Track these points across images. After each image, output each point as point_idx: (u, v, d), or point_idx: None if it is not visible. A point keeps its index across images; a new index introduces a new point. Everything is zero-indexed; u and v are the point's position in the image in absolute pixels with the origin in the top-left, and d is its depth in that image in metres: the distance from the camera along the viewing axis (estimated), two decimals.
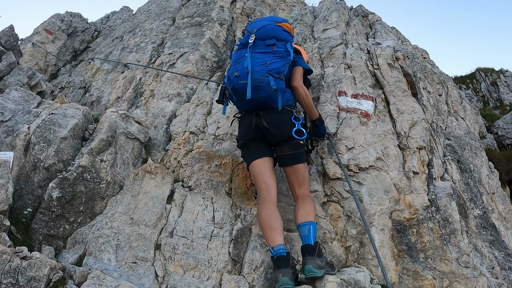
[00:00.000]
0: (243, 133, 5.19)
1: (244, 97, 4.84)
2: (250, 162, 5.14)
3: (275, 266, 4.36)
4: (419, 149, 6.08)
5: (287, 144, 5.12)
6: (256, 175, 5.08)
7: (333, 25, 8.44)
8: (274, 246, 4.49)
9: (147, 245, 4.90)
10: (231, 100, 5.21)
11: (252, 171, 5.16)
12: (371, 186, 5.66)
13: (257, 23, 5.42)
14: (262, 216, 4.75)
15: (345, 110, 6.38)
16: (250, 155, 5.14)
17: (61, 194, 5.39)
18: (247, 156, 5.17)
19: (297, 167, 5.18)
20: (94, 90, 9.46)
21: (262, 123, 5.05)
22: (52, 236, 5.28)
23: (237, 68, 5.05)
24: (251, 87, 4.83)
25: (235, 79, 4.96)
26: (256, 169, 5.08)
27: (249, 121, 5.14)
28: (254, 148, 5.14)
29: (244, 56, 5.06)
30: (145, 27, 11.17)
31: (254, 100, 4.92)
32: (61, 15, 15.16)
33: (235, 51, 5.32)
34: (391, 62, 6.90)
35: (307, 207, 4.91)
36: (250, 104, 5.06)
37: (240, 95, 4.97)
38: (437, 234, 5.45)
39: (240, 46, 5.30)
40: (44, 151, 5.72)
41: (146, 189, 5.49)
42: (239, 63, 5.09)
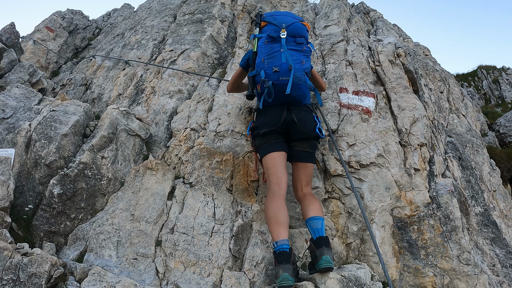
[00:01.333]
0: (269, 123, 5.15)
1: (283, 92, 4.87)
2: (267, 154, 5.12)
3: (276, 262, 4.34)
4: (420, 146, 6.08)
5: (308, 142, 5.26)
6: (270, 167, 5.07)
7: (334, 22, 8.43)
8: (278, 240, 4.46)
9: (147, 241, 4.89)
10: (266, 94, 5.04)
11: (266, 162, 5.13)
12: (372, 183, 5.67)
13: (281, 17, 5.37)
14: (269, 209, 4.74)
15: (346, 107, 6.38)
16: (268, 146, 5.13)
17: (62, 191, 5.38)
18: (265, 147, 5.15)
19: (310, 165, 5.31)
20: (95, 87, 9.46)
21: (293, 117, 5.12)
22: (53, 233, 5.27)
23: (273, 63, 5.00)
24: (295, 86, 4.93)
25: (274, 74, 4.93)
26: (271, 161, 5.08)
27: (278, 113, 5.14)
28: (274, 141, 5.14)
29: (279, 52, 5.04)
30: (146, 24, 11.16)
31: (291, 96, 4.99)
32: (62, 12, 15.16)
33: (265, 44, 5.21)
34: (393, 59, 6.89)
35: (318, 204, 4.96)
36: (284, 99, 5.07)
37: (279, 91, 4.95)
38: (438, 231, 5.45)
39: (270, 39, 5.20)
40: (45, 147, 5.71)
41: (147, 186, 5.49)
42: (274, 58, 5.03)
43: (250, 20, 10.67)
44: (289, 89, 4.81)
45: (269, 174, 5.06)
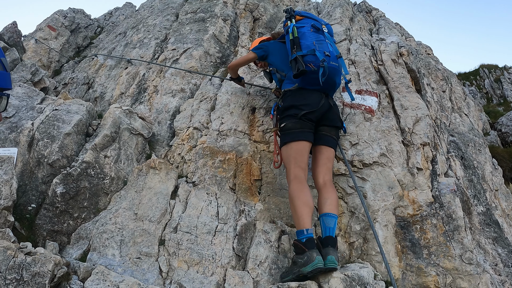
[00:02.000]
0: (310, 104, 5.21)
1: (332, 75, 5.23)
2: (299, 140, 5.12)
3: (305, 247, 4.40)
4: (423, 145, 6.07)
5: (335, 130, 5.46)
6: (298, 154, 5.07)
7: (337, 21, 8.43)
8: (308, 228, 4.56)
9: (151, 240, 4.89)
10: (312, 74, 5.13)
11: (296, 148, 5.11)
12: (375, 182, 5.66)
13: (314, 17, 5.85)
14: (301, 194, 4.79)
15: (349, 106, 6.37)
16: (302, 132, 5.13)
17: (65, 190, 5.39)
18: (298, 132, 5.13)
19: (334, 152, 5.46)
20: (98, 86, 9.47)
21: (330, 103, 5.39)
22: (56, 232, 5.28)
23: (323, 48, 5.26)
24: (336, 72, 5.32)
25: (326, 58, 5.14)
26: (302, 149, 5.10)
27: (317, 97, 5.27)
28: (308, 129, 5.18)
29: (325, 41, 5.40)
30: (149, 23, 11.17)
31: (333, 81, 5.32)
32: (64, 11, 15.17)
33: (310, 31, 5.47)
34: (395, 58, 6.89)
35: (335, 198, 5.00)
36: (325, 84, 5.21)
37: (327, 73, 5.12)
38: (440, 230, 5.44)
39: (314, 29, 5.49)
40: (48, 147, 5.72)
41: (150, 185, 5.49)
42: (322, 45, 5.31)
43: (252, 19, 10.68)
44: (345, 69, 5.55)
45: (298, 160, 5.05)
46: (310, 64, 5.09)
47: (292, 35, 5.39)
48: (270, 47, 5.93)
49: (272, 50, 5.95)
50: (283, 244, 5.07)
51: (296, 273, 4.41)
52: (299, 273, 4.36)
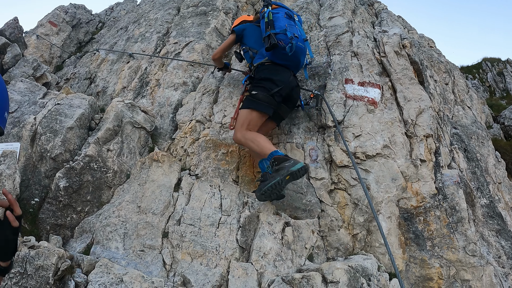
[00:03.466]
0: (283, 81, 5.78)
1: (298, 54, 5.88)
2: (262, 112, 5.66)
3: (285, 159, 4.99)
4: (426, 137, 6.06)
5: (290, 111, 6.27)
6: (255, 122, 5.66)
7: (339, 13, 8.40)
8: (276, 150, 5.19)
9: (154, 233, 4.89)
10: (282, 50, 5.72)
11: (257, 117, 5.66)
12: (378, 174, 5.65)
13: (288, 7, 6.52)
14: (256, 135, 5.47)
15: (352, 98, 6.35)
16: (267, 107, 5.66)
17: (68, 184, 5.39)
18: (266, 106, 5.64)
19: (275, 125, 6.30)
20: (100, 81, 9.46)
21: (296, 81, 6.10)
22: (60, 226, 5.28)
23: (293, 30, 5.90)
24: (302, 51, 5.99)
25: (295, 38, 5.78)
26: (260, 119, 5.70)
27: (287, 73, 5.89)
28: (273, 106, 5.71)
29: (295, 26, 6.08)
30: (150, 17, 11.15)
31: (298, 59, 5.97)
32: (65, 7, 15.18)
33: (283, 17, 6.13)
34: (398, 50, 6.87)
35: None
36: (292, 61, 5.91)
37: (295, 51, 5.76)
38: (444, 222, 5.44)
39: (287, 16, 6.19)
40: (50, 141, 5.72)
41: (153, 178, 5.48)
42: (293, 28, 5.97)
43: (254, 12, 10.65)
44: (311, 52, 6.40)
45: (251, 125, 5.64)
46: (281, 41, 5.69)
47: (268, 18, 6.01)
48: (247, 29, 6.56)
49: (247, 32, 6.56)
50: (286, 235, 5.06)
51: (284, 174, 4.84)
52: (289, 172, 4.82)
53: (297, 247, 5.08)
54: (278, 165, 4.98)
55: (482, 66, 36.97)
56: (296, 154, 6.04)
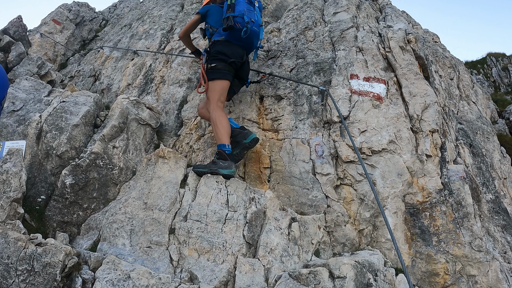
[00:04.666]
0: (236, 55, 6.43)
1: (252, 37, 6.48)
2: (225, 79, 6.27)
3: (228, 157, 5.67)
4: (432, 132, 6.04)
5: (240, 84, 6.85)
6: (222, 89, 6.24)
7: (343, 8, 8.38)
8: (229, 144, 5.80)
9: (161, 229, 4.88)
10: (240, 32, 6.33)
11: (221, 84, 6.24)
12: (384, 169, 5.64)
13: None
14: (223, 119, 5.96)
15: (357, 93, 6.34)
16: (228, 74, 6.32)
17: (74, 181, 5.40)
18: (226, 73, 6.30)
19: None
20: (104, 78, 9.48)
21: (247, 59, 6.77)
22: (66, 223, 5.29)
23: (250, 16, 6.43)
24: (256, 35, 6.57)
25: (251, 23, 6.36)
26: (226, 86, 6.28)
27: (240, 51, 6.52)
28: (231, 73, 6.38)
29: (254, 12, 6.58)
30: (154, 14, 11.16)
31: (251, 41, 6.58)
32: (69, 5, 15.20)
33: (245, 2, 6.56)
34: (403, 45, 6.85)
35: None
36: (245, 42, 6.52)
37: (249, 35, 6.39)
38: (450, 217, 5.43)
39: (248, 1, 6.62)
40: (56, 138, 5.73)
41: (160, 174, 5.47)
42: (251, 13, 6.49)
43: None
44: (261, 35, 6.74)
45: (220, 93, 6.22)
46: (238, 23, 6.27)
47: (230, 1, 6.49)
48: (211, 9, 6.95)
49: (210, 12, 6.95)
50: (293, 231, 5.05)
51: (213, 170, 5.59)
52: (216, 171, 5.57)
53: (304, 242, 5.08)
54: (217, 159, 5.71)
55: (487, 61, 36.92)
56: (302, 150, 6.04)
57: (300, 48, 7.68)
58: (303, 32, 8.07)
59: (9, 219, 4.64)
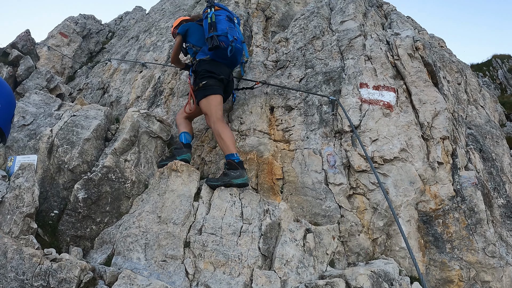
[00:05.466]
0: (223, 73, 6.59)
1: (236, 54, 6.67)
2: (218, 94, 6.39)
3: (239, 166, 5.64)
4: (443, 139, 6.04)
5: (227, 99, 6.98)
6: (218, 103, 6.31)
7: (350, 17, 8.39)
8: (237, 153, 5.81)
9: (176, 243, 4.88)
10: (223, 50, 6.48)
11: (216, 100, 6.33)
12: (396, 178, 5.65)
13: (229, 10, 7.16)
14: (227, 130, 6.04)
15: (368, 102, 6.35)
16: (219, 89, 6.45)
17: (86, 195, 5.42)
18: (217, 88, 6.43)
19: None
20: (113, 91, 9.51)
21: (231, 76, 6.90)
22: (80, 237, 5.31)
23: (233, 33, 6.60)
24: (239, 52, 6.80)
25: (235, 41, 6.54)
26: (220, 101, 6.38)
27: (226, 68, 6.71)
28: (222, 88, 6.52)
29: (235, 29, 6.79)
30: (161, 26, 11.20)
31: (236, 59, 6.80)
32: (75, 17, 15.29)
33: (225, 20, 6.76)
34: (411, 52, 6.86)
35: None
36: (230, 60, 6.72)
37: (234, 52, 6.53)
38: (463, 224, 5.43)
39: (228, 19, 6.83)
40: (68, 153, 5.75)
41: (173, 187, 5.47)
42: (233, 31, 6.67)
43: (264, 18, 10.64)
44: (247, 53, 7.18)
45: (216, 108, 6.28)
46: (222, 42, 6.42)
47: (211, 20, 6.64)
48: (190, 28, 7.15)
49: (190, 31, 7.14)
50: (308, 242, 5.05)
51: (226, 181, 5.56)
52: (229, 182, 5.54)
53: (319, 253, 5.09)
54: (228, 169, 5.70)
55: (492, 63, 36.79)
56: (314, 161, 6.05)
57: (309, 57, 7.69)
58: (311, 41, 8.09)
59: (22, 234, 4.66)
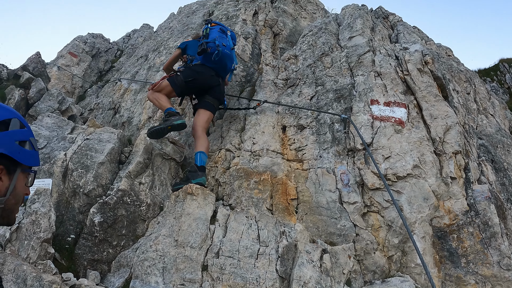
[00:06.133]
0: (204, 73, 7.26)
1: (224, 59, 7.30)
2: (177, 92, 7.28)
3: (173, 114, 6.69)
4: (455, 154, 6.06)
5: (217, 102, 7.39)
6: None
7: (358, 32, 8.43)
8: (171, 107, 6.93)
9: (194, 266, 4.91)
10: (211, 56, 7.13)
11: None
12: (410, 195, 5.66)
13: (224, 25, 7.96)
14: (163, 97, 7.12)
15: (379, 119, 6.37)
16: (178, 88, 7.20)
17: (102, 219, 5.46)
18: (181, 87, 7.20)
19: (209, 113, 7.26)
20: (124, 111, 9.57)
21: (219, 81, 7.41)
22: (96, 261, 5.34)
23: (222, 41, 7.31)
24: (228, 57, 7.39)
25: (223, 47, 7.24)
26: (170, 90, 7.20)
27: (209, 72, 7.28)
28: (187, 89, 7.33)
29: (226, 38, 7.49)
30: (170, 45, 11.26)
31: (224, 63, 7.38)
32: (84, 37, 15.40)
33: (217, 31, 7.51)
34: (421, 67, 6.88)
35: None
36: (219, 65, 7.34)
37: (221, 57, 7.21)
38: (477, 238, 5.44)
39: (221, 31, 7.56)
40: (82, 177, 5.80)
41: (189, 211, 5.50)
42: (223, 39, 7.38)
43: (272, 35, 10.70)
44: (235, 59, 7.72)
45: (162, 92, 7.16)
46: (210, 48, 7.14)
47: (205, 32, 7.50)
48: (189, 43, 7.90)
49: (189, 46, 7.86)
50: (325, 263, 5.06)
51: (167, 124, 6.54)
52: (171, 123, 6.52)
53: (335, 273, 5.10)
54: (168, 117, 6.69)
55: (500, 68, 36.64)
56: (327, 180, 6.06)
57: (319, 75, 7.73)
58: (320, 58, 8.13)
59: (40, 260, 4.71)
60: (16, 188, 1.96)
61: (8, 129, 1.93)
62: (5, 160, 1.90)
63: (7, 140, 1.91)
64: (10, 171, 1.94)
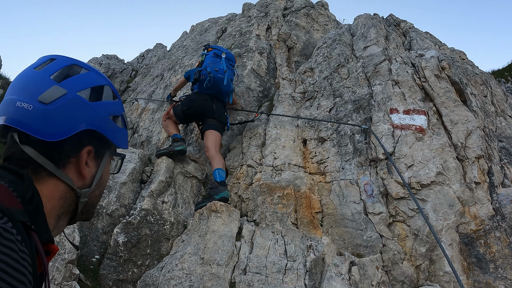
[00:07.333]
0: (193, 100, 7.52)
1: (217, 84, 7.41)
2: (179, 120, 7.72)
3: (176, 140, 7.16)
4: (478, 158, 6.01)
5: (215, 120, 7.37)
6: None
7: (373, 42, 8.42)
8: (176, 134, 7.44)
9: (221, 284, 4.89)
10: (204, 83, 7.39)
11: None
12: (435, 202, 5.62)
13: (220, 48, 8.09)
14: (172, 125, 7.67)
15: (400, 128, 6.35)
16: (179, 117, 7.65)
17: (126, 239, 5.47)
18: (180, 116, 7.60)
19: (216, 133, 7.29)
20: (143, 130, 9.61)
21: (215, 105, 7.42)
22: (122, 281, 5.34)
23: (215, 66, 7.50)
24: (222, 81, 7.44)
25: (215, 72, 7.40)
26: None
27: (203, 98, 7.45)
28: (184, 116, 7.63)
29: (220, 62, 7.60)
30: (185, 63, 11.32)
31: (219, 87, 7.46)
32: (99, 58, 15.49)
33: (211, 56, 7.74)
34: (438, 73, 6.86)
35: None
36: (214, 90, 7.45)
37: (215, 82, 7.37)
38: (505, 242, 5.37)
39: (215, 55, 7.73)
40: (105, 197, 5.84)
41: (214, 228, 5.50)
42: (216, 64, 7.55)
43: (286, 49, 10.72)
44: (225, 80, 7.53)
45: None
46: (202, 76, 7.43)
47: (201, 59, 7.83)
48: (191, 72, 7.92)
49: (192, 74, 7.84)
50: (353, 275, 5.03)
51: (169, 149, 6.96)
52: (172, 149, 6.91)
53: (364, 285, 5.05)
54: (172, 142, 7.17)
55: None
56: (351, 191, 6.04)
57: (336, 86, 7.73)
58: (336, 70, 8.13)
59: (65, 281, 4.72)
60: (103, 176, 1.58)
61: (101, 99, 1.53)
62: (94, 139, 1.50)
63: (101, 113, 1.51)
64: (99, 154, 1.55)
